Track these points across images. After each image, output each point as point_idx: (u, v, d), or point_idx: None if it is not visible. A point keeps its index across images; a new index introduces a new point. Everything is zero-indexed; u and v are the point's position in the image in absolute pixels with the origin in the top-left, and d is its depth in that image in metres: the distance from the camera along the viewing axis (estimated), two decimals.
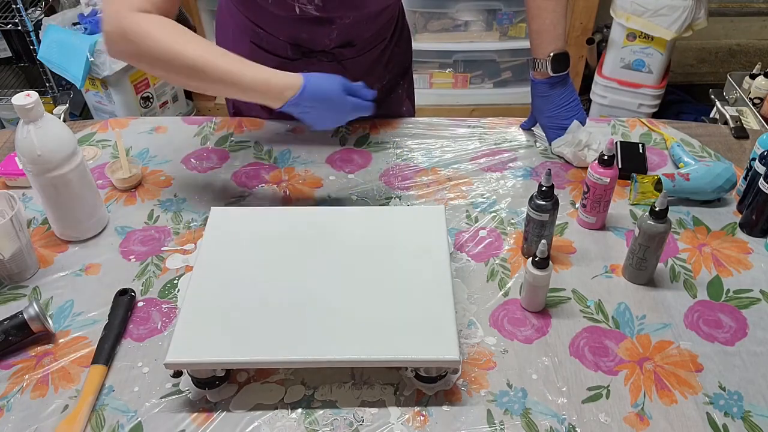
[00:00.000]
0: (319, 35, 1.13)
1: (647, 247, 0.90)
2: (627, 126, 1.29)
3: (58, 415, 0.78)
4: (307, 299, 0.83)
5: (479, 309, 0.91)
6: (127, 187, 1.13)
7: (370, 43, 1.21)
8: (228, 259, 0.89)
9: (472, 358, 0.84)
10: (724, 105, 1.64)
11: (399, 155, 1.20)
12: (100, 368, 0.82)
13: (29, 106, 0.88)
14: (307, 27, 1.11)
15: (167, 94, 2.54)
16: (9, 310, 0.88)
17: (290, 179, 1.14)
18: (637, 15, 2.30)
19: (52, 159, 0.92)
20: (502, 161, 1.18)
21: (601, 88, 2.54)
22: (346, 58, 1.19)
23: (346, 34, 1.14)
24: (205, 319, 0.80)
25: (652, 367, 0.83)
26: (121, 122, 1.31)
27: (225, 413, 0.78)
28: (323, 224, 0.94)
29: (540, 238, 0.93)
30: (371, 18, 1.15)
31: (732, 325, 0.88)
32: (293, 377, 0.82)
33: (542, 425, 0.77)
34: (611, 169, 0.96)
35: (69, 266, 0.98)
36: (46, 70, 2.33)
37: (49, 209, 0.99)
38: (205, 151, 1.22)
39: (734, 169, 1.09)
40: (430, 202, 1.10)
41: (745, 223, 1.03)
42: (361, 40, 1.18)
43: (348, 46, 1.17)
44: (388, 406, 0.79)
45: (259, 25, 1.14)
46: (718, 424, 0.77)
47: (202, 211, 1.08)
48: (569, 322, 0.89)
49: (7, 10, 2.26)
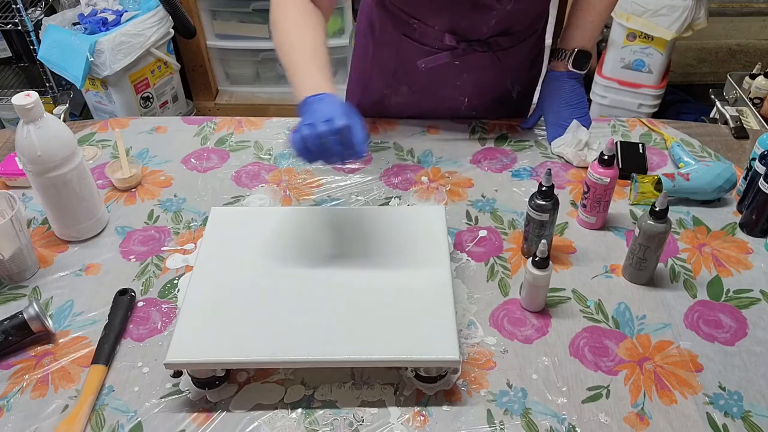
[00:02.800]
0: (478, 21, 1.11)
1: (647, 247, 0.90)
2: (627, 126, 1.29)
3: (58, 415, 0.78)
4: (306, 299, 0.83)
5: (479, 309, 0.91)
6: (127, 187, 1.13)
7: (526, 34, 1.18)
8: (228, 259, 0.89)
9: (472, 358, 0.84)
10: (724, 105, 1.63)
11: (399, 155, 1.20)
12: (100, 368, 0.82)
13: (29, 106, 0.88)
14: (467, 13, 1.09)
15: (167, 94, 2.53)
16: (9, 310, 0.88)
17: (290, 179, 1.14)
18: (637, 15, 2.30)
19: (52, 159, 0.92)
20: (502, 161, 1.18)
21: (601, 88, 2.54)
22: (502, 48, 1.16)
23: (505, 21, 1.12)
24: (205, 319, 0.80)
25: (652, 367, 0.83)
26: (121, 122, 1.31)
27: (225, 413, 0.78)
28: (323, 224, 0.94)
29: (540, 238, 0.93)
30: (531, 5, 1.13)
31: (732, 325, 0.88)
32: (293, 377, 0.82)
33: (542, 425, 0.77)
34: (611, 169, 0.96)
35: (69, 266, 0.98)
36: (46, 70, 2.33)
37: (49, 209, 0.99)
38: (205, 151, 1.22)
39: (734, 169, 1.09)
40: (430, 202, 1.10)
41: (745, 223, 1.03)
42: (518, 30, 1.15)
43: (505, 35, 1.15)
44: (388, 406, 0.79)
45: (414, 15, 1.12)
46: (718, 424, 0.77)
47: (202, 211, 1.08)
48: (569, 322, 0.89)
49: (7, 10, 2.26)
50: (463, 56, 1.15)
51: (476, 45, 1.14)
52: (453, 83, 1.20)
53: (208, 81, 2.76)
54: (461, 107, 1.26)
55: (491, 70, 1.18)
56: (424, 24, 1.13)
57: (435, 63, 1.16)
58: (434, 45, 1.15)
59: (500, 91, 1.24)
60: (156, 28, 2.31)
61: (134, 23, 2.25)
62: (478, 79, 1.20)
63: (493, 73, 1.19)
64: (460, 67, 1.17)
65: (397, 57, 1.18)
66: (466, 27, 1.12)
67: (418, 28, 1.14)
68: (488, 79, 1.21)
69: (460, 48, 1.14)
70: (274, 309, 0.81)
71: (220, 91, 2.85)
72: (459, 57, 1.15)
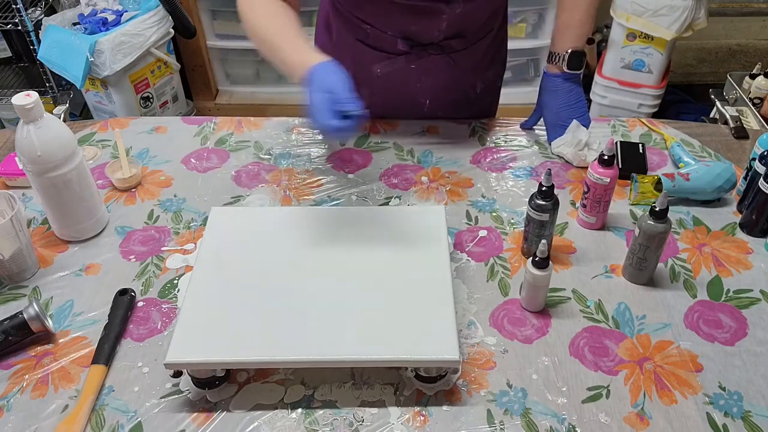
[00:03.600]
0: (428, 26, 1.12)
1: (647, 247, 0.90)
2: (627, 126, 1.29)
3: (58, 415, 0.78)
4: (307, 299, 0.83)
5: (479, 309, 0.91)
6: (127, 187, 1.13)
7: (479, 35, 1.18)
8: (228, 259, 0.89)
9: (472, 358, 0.84)
10: (724, 105, 1.64)
11: (399, 155, 1.20)
12: (100, 368, 0.82)
13: (29, 106, 0.88)
14: (417, 18, 1.10)
15: (167, 94, 2.54)
16: (9, 310, 0.88)
17: (290, 179, 1.15)
18: (637, 15, 2.30)
19: (52, 159, 0.92)
20: (502, 161, 1.18)
21: (601, 88, 2.54)
22: (455, 50, 1.17)
23: (456, 24, 1.12)
24: (205, 319, 0.80)
25: (652, 367, 0.83)
26: (121, 122, 1.31)
27: (225, 413, 0.78)
28: (323, 224, 0.94)
29: (540, 238, 0.93)
30: (482, 6, 1.13)
31: (732, 325, 0.88)
32: (293, 377, 0.82)
33: (542, 425, 0.77)
34: (611, 169, 0.96)
35: (69, 266, 0.98)
36: (46, 70, 2.33)
37: (49, 209, 0.99)
38: (205, 151, 1.22)
39: (734, 169, 1.09)
40: (430, 202, 1.10)
41: (745, 223, 1.03)
42: (470, 31, 1.16)
43: (457, 37, 1.15)
44: (388, 406, 0.79)
45: (366, 21, 1.13)
46: (718, 424, 0.77)
47: (202, 211, 1.08)
48: (569, 322, 0.89)
49: (7, 10, 2.26)
50: (418, 60, 1.16)
51: (430, 48, 1.15)
52: (412, 86, 1.21)
53: (208, 81, 2.76)
54: (423, 109, 1.26)
55: (447, 72, 1.19)
56: (376, 29, 1.13)
57: (390, 68, 1.17)
58: (388, 50, 1.16)
59: (459, 91, 1.25)
60: (156, 28, 2.31)
61: (134, 23, 2.25)
62: (435, 82, 1.21)
63: (450, 75, 1.20)
64: (417, 70, 1.18)
65: (353, 61, 1.16)
66: (417, 31, 1.13)
67: (372, 34, 1.14)
68: (445, 81, 1.21)
69: (413, 52, 1.15)
70: (274, 309, 0.81)
71: (220, 91, 2.85)
72: (414, 61, 1.16)
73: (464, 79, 1.23)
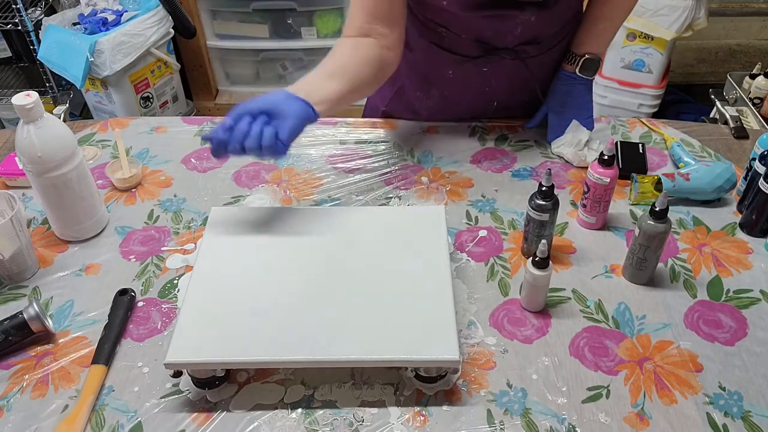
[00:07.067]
0: (503, 31, 1.12)
1: (647, 247, 0.90)
2: (627, 126, 1.29)
3: (58, 415, 0.78)
4: (307, 299, 0.83)
5: (479, 309, 0.91)
6: (127, 187, 1.13)
7: (553, 41, 1.18)
8: (228, 259, 0.89)
9: (472, 358, 0.84)
10: (724, 105, 1.63)
11: (399, 155, 1.20)
12: (100, 368, 0.82)
13: (29, 106, 0.88)
14: (491, 23, 1.10)
15: (167, 94, 2.54)
16: (9, 310, 0.88)
17: (290, 179, 1.14)
18: (637, 15, 2.30)
19: (52, 159, 0.92)
20: (502, 161, 1.18)
21: (601, 88, 2.55)
22: (530, 56, 1.16)
23: (530, 30, 1.12)
24: (205, 319, 0.80)
25: (652, 367, 0.83)
26: (121, 122, 1.31)
27: (225, 413, 0.78)
28: (323, 224, 0.94)
29: (540, 238, 0.93)
30: (556, 14, 1.12)
31: (732, 325, 0.88)
32: (293, 377, 0.82)
33: (542, 425, 0.77)
34: (611, 169, 0.96)
35: (69, 266, 0.98)
36: (46, 70, 2.33)
37: (49, 209, 0.99)
38: (205, 151, 1.22)
39: (734, 169, 1.09)
40: (430, 202, 1.10)
41: (745, 223, 1.03)
42: (545, 38, 1.16)
43: (533, 43, 1.15)
44: (388, 406, 0.79)
45: (442, 24, 1.13)
46: (718, 424, 0.77)
47: (202, 211, 1.08)
48: (569, 322, 0.89)
49: (7, 10, 2.26)
50: (491, 64, 1.16)
51: (504, 53, 1.15)
52: (483, 88, 1.22)
53: (208, 81, 2.77)
54: (490, 109, 1.27)
55: (519, 76, 1.19)
56: (452, 33, 1.13)
57: (464, 71, 1.17)
58: (462, 53, 1.16)
59: (529, 95, 1.25)
60: (156, 28, 2.31)
61: (134, 23, 2.25)
62: (507, 85, 1.21)
63: (521, 80, 1.20)
64: (489, 73, 1.18)
65: (427, 63, 1.19)
66: (492, 36, 1.13)
67: (447, 37, 1.14)
68: (516, 85, 1.21)
69: (487, 56, 1.15)
70: (274, 309, 0.81)
71: (220, 91, 2.85)
72: (487, 64, 1.16)
73: (535, 85, 1.23)
